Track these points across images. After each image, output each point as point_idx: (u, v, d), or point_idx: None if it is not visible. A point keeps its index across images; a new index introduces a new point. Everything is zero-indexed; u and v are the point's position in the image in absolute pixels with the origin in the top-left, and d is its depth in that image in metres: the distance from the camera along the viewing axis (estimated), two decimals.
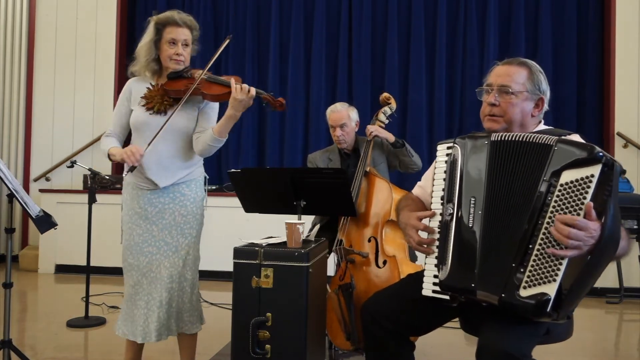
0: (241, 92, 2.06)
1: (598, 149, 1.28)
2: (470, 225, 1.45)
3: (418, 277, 1.68)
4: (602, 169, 1.25)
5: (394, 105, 2.87)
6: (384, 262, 2.43)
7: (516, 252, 1.35)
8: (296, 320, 1.91)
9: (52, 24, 5.71)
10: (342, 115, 2.91)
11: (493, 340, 1.40)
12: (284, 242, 2.04)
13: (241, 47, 5.54)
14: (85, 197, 3.50)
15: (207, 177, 2.36)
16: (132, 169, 2.09)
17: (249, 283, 1.94)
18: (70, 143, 5.63)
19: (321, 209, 2.47)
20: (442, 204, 1.54)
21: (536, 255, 1.31)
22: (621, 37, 5.01)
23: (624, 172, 1.23)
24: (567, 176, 1.29)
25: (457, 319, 1.80)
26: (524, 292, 1.32)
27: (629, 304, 4.21)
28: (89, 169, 3.44)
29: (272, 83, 5.46)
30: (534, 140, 1.39)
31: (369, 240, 2.50)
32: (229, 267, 1.98)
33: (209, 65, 2.20)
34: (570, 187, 1.28)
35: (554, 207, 1.30)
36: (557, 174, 1.31)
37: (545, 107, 1.67)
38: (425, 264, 1.63)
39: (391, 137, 2.82)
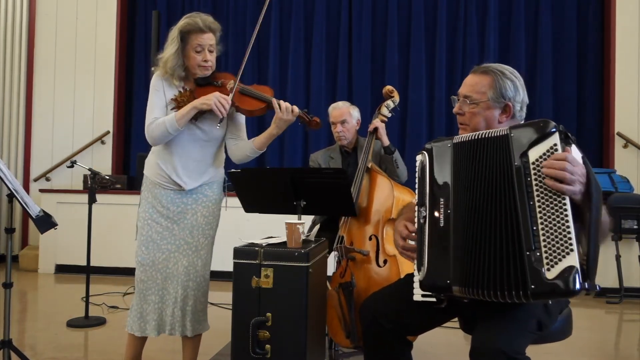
0: (286, 112, 2.14)
1: (549, 121, 1.35)
2: (442, 225, 1.48)
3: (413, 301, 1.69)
4: (560, 136, 1.33)
5: (397, 98, 2.84)
6: (385, 262, 2.43)
7: (523, 239, 1.32)
8: (296, 320, 1.91)
9: (52, 24, 5.71)
10: (343, 112, 2.93)
11: (486, 340, 1.40)
12: (284, 242, 2.04)
13: (241, 47, 5.54)
14: (85, 197, 3.50)
15: (227, 179, 2.36)
16: (221, 121, 2.11)
17: (249, 283, 1.94)
18: (70, 143, 5.64)
19: (321, 209, 2.47)
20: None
21: (544, 235, 1.29)
22: (621, 37, 5.01)
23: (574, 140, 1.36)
24: (534, 153, 1.34)
25: (456, 319, 1.81)
26: (550, 274, 1.26)
27: (629, 304, 4.21)
28: (89, 169, 3.43)
29: (272, 83, 5.46)
30: (490, 135, 1.44)
31: (370, 239, 2.50)
32: (229, 267, 1.98)
33: (239, 74, 2.19)
34: (542, 162, 1.33)
35: (536, 184, 1.33)
36: (524, 155, 1.35)
37: (518, 112, 1.66)
38: (415, 269, 1.63)
39: (385, 141, 2.81)
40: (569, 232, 1.26)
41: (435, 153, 1.54)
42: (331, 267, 2.49)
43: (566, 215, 1.27)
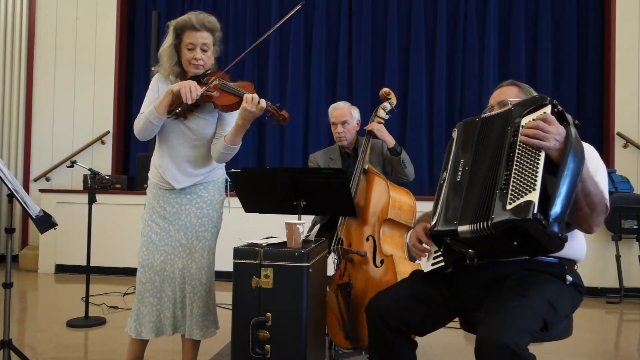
0: (251, 103, 2.04)
1: (544, 96, 1.57)
2: (459, 180, 1.65)
3: (424, 275, 1.79)
4: (552, 109, 1.53)
5: (394, 100, 2.85)
6: (382, 262, 2.43)
7: (498, 181, 1.52)
8: (296, 320, 1.91)
9: (52, 24, 5.71)
10: (344, 112, 2.93)
11: (491, 334, 1.42)
12: (284, 242, 2.04)
13: (241, 47, 5.54)
14: (85, 197, 3.50)
15: (229, 180, 2.34)
16: (185, 107, 2.04)
17: (249, 283, 1.94)
18: (70, 143, 5.64)
19: (321, 209, 2.47)
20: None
21: (514, 176, 1.48)
22: (621, 37, 5.01)
23: (577, 124, 1.57)
24: (526, 119, 1.55)
25: (457, 319, 1.82)
26: (509, 207, 1.44)
27: (629, 304, 4.21)
28: (89, 169, 3.43)
29: (272, 83, 5.46)
30: (502, 110, 1.70)
31: (367, 239, 2.50)
32: (229, 267, 1.98)
33: (225, 70, 2.20)
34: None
35: (520, 141, 1.53)
36: (518, 121, 1.57)
37: None
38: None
39: (391, 142, 2.80)
40: (535, 177, 1.43)
41: (465, 127, 1.75)
42: (331, 269, 2.48)
43: (537, 165, 1.45)
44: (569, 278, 1.66)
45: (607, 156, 5.01)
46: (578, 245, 1.72)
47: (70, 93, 5.67)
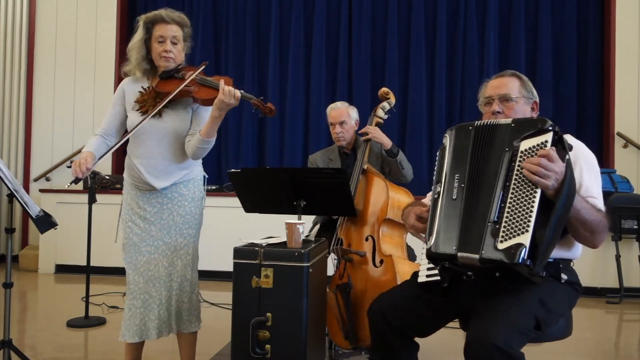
0: (228, 94, 2.01)
1: (547, 120, 1.50)
2: (454, 198, 1.59)
3: (419, 284, 1.77)
4: (553, 137, 1.47)
5: (392, 100, 2.84)
6: (381, 262, 2.43)
7: (492, 212, 1.49)
8: (296, 320, 1.91)
9: (52, 24, 5.71)
10: (342, 113, 2.93)
11: (480, 334, 1.43)
12: (284, 242, 2.05)
13: (241, 47, 5.54)
14: (85, 197, 3.51)
15: (207, 176, 2.35)
16: (76, 180, 2.00)
17: (249, 283, 1.95)
18: (70, 143, 5.64)
19: (321, 209, 2.47)
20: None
21: (508, 210, 1.46)
22: (621, 37, 5.01)
23: (570, 147, 1.53)
24: (526, 144, 1.49)
25: (457, 320, 1.82)
26: (501, 245, 1.43)
27: (629, 304, 4.21)
28: None
29: (272, 83, 5.46)
30: (499, 122, 1.61)
31: (367, 240, 2.50)
32: (229, 267, 1.98)
33: (201, 67, 2.17)
34: (529, 153, 1.48)
35: (518, 170, 1.48)
36: (517, 144, 1.51)
37: (537, 111, 1.84)
38: (421, 259, 1.74)
39: (387, 144, 2.79)
40: (529, 217, 1.42)
41: (457, 135, 1.67)
42: (331, 269, 2.49)
43: (533, 203, 1.43)
44: (564, 276, 1.66)
45: (607, 156, 5.01)
46: (573, 245, 1.71)
47: (70, 93, 5.67)
